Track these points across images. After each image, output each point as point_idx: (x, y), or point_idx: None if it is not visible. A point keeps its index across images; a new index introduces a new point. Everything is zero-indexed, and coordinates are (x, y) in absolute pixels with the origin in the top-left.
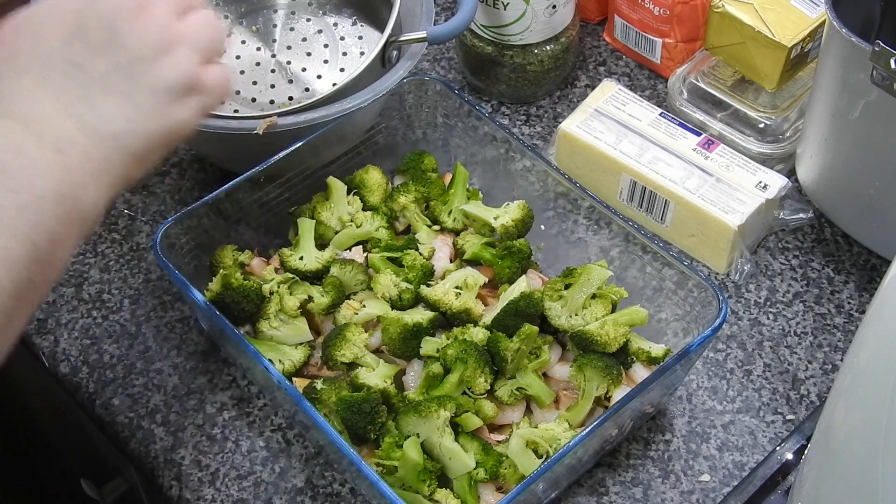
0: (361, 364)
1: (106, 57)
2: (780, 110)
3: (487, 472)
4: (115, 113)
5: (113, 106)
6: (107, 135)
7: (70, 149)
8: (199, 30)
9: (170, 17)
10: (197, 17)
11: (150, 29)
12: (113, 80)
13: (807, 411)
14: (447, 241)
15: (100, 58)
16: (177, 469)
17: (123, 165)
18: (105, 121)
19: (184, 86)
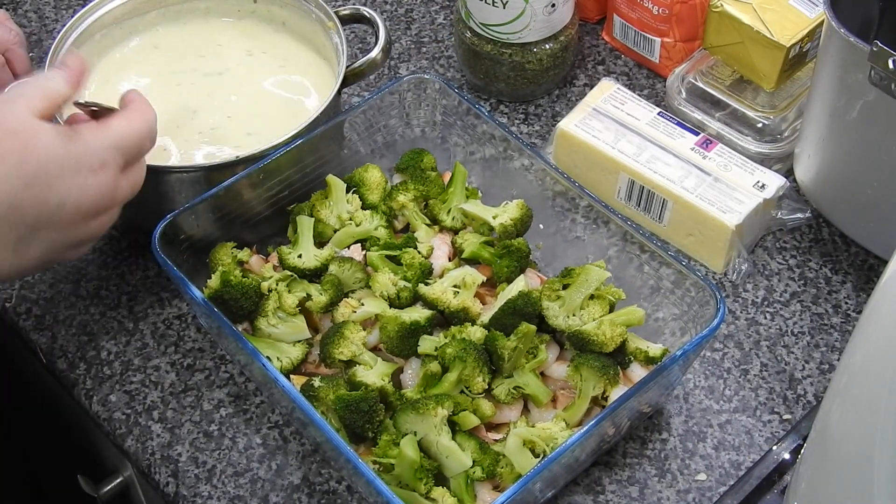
0: (359, 362)
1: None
2: (778, 110)
3: (484, 471)
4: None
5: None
6: None
7: None
8: (136, 185)
9: (114, 217)
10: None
11: (98, 229)
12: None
13: (803, 411)
14: (446, 239)
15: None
16: (173, 466)
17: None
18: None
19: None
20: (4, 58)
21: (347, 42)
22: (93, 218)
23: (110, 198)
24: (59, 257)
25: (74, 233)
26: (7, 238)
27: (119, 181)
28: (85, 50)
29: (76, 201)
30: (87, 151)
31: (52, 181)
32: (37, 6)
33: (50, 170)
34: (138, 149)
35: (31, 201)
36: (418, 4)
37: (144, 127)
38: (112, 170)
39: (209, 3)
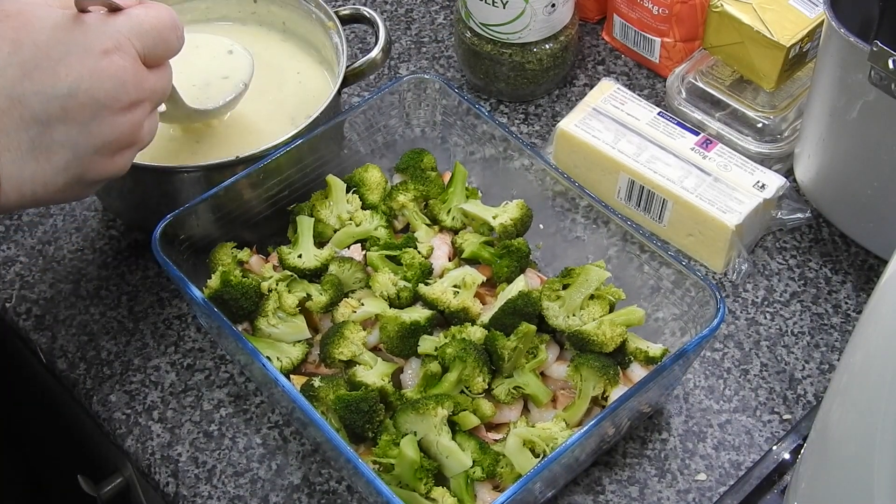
0: (359, 362)
1: (70, 130)
2: (778, 110)
3: (484, 471)
4: (36, 182)
5: (40, 176)
6: (15, 190)
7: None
8: (151, 132)
9: (142, 122)
10: (155, 118)
11: (124, 126)
12: (58, 153)
13: (803, 411)
14: (446, 239)
15: (65, 128)
16: (173, 466)
17: (15, 210)
18: (21, 182)
19: (112, 177)
20: None
21: (347, 42)
22: (117, 113)
23: (134, 87)
24: (90, 168)
25: (98, 131)
26: (18, 139)
27: (141, 72)
28: None
29: (89, 88)
30: (96, 32)
31: (55, 66)
32: None
33: (52, 53)
34: (162, 39)
35: (34, 91)
36: (418, 4)
37: (166, 15)
38: (129, 55)
39: (209, 4)
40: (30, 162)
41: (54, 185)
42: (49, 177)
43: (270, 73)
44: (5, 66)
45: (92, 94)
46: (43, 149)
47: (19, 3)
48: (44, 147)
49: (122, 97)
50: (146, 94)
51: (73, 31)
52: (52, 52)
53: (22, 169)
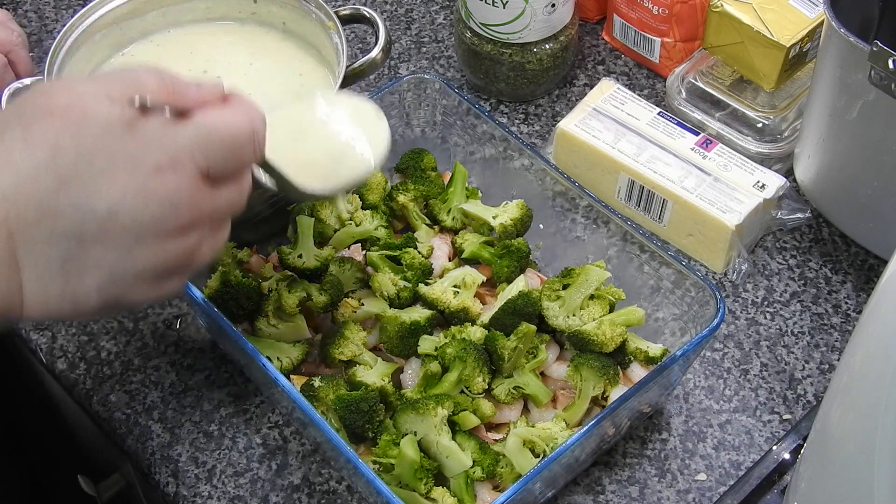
0: (359, 362)
1: (108, 252)
2: (778, 110)
3: (484, 471)
4: (64, 300)
5: (69, 295)
6: (40, 306)
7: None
8: (211, 254)
9: (200, 245)
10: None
11: (172, 254)
12: (92, 274)
13: (803, 411)
14: (446, 239)
15: (102, 248)
16: (173, 466)
17: (41, 320)
18: (48, 298)
19: (156, 301)
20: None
21: (347, 42)
22: (165, 238)
23: (188, 211)
24: (129, 292)
25: (140, 256)
26: (47, 255)
27: (200, 192)
28: (85, 50)
29: (132, 210)
30: (150, 144)
31: (97, 179)
32: (37, 6)
33: (95, 163)
34: (232, 153)
35: (69, 203)
36: (418, 4)
37: (245, 124)
38: (187, 173)
39: (209, 4)
40: (58, 279)
41: (86, 305)
42: (80, 297)
43: (271, 74)
44: (40, 174)
45: (135, 216)
46: (75, 267)
47: (73, 95)
48: (76, 266)
49: (172, 222)
50: (205, 216)
51: (125, 139)
52: (95, 162)
53: (48, 286)
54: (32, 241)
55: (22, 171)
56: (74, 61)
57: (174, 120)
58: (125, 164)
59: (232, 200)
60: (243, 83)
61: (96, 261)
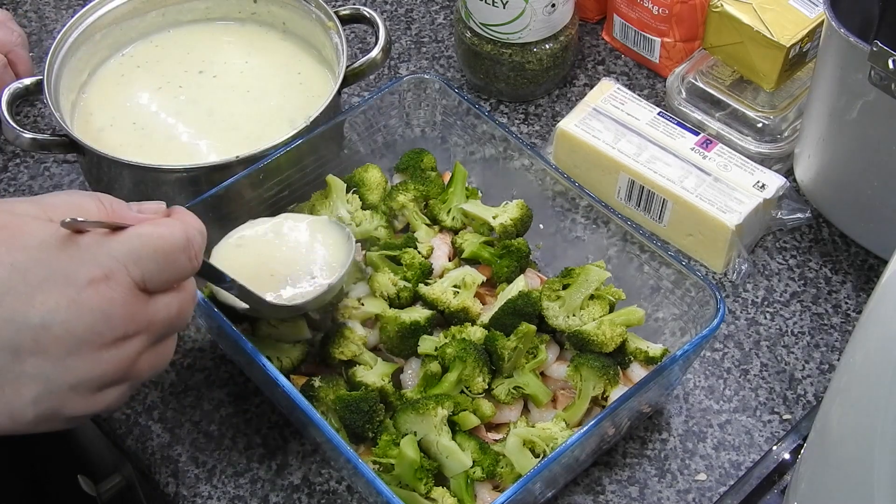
0: (359, 362)
1: (43, 364)
2: (778, 110)
3: (484, 471)
4: (1, 413)
5: (5, 406)
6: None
7: None
8: (156, 366)
9: (140, 354)
10: (166, 348)
11: (108, 364)
12: (28, 386)
13: (803, 411)
14: (446, 239)
15: (37, 360)
16: (174, 466)
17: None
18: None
19: (98, 413)
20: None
21: (347, 42)
22: (100, 349)
23: (122, 321)
24: (66, 404)
25: (75, 367)
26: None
27: (135, 303)
28: (85, 50)
29: (65, 321)
30: (84, 258)
31: (31, 293)
32: (37, 6)
33: (29, 278)
34: (168, 263)
35: (4, 317)
36: (418, 4)
37: (179, 234)
38: (123, 285)
39: (209, 4)
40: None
41: (23, 417)
42: (16, 409)
43: (270, 74)
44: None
45: (68, 327)
46: (10, 380)
47: (10, 215)
48: (11, 378)
49: (107, 332)
50: (141, 326)
51: (60, 255)
52: (29, 276)
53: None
54: None
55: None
56: (74, 61)
57: (109, 235)
58: (59, 277)
59: (171, 311)
60: (239, 82)
61: (32, 372)
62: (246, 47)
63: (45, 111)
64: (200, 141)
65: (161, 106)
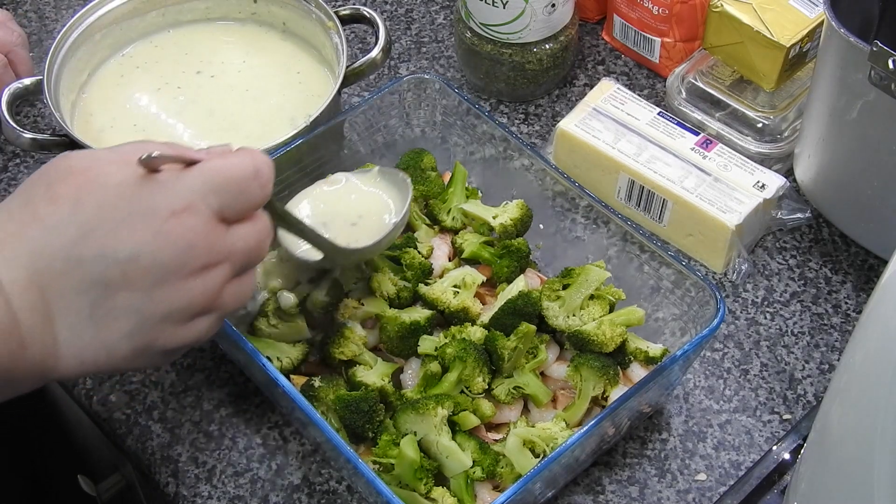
0: (359, 362)
1: (133, 296)
2: (778, 110)
3: (484, 471)
4: (97, 348)
5: (101, 342)
6: (75, 357)
7: (35, 348)
8: (240, 297)
9: (224, 284)
10: (247, 281)
11: (195, 292)
12: (121, 320)
13: (803, 411)
14: (446, 239)
15: (128, 293)
16: (173, 466)
17: (78, 377)
18: (82, 348)
19: (189, 345)
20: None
21: (347, 42)
22: (186, 278)
23: (206, 250)
24: (159, 336)
25: (164, 297)
26: (77, 304)
27: (215, 232)
28: (85, 50)
29: (152, 252)
30: (163, 192)
31: (117, 228)
32: (37, 6)
33: (114, 214)
34: (241, 192)
35: (94, 254)
36: (418, 4)
37: (247, 164)
38: (202, 215)
39: (209, 4)
40: (89, 328)
41: (119, 352)
42: (112, 343)
43: (270, 74)
44: (64, 227)
45: (155, 258)
46: (104, 314)
47: (90, 160)
48: (105, 312)
49: (191, 261)
50: (222, 255)
51: (140, 191)
52: (114, 213)
53: (81, 335)
54: (62, 293)
55: (47, 226)
56: (74, 61)
57: (183, 170)
58: (142, 211)
59: (249, 242)
60: (239, 82)
61: (123, 306)
62: (246, 47)
63: (45, 111)
64: (201, 141)
65: (161, 107)
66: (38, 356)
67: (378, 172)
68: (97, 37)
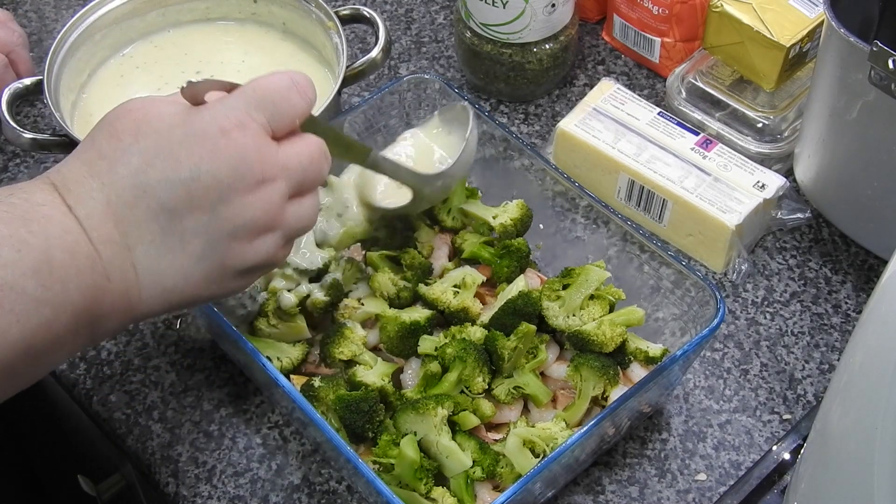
0: (359, 362)
1: (200, 217)
2: (778, 110)
3: (484, 471)
4: (175, 273)
5: (178, 266)
6: (156, 285)
7: (118, 280)
8: (303, 219)
9: (283, 201)
10: (308, 203)
11: (256, 207)
12: (192, 242)
13: (803, 411)
14: (446, 239)
15: (194, 215)
16: (174, 466)
17: (162, 310)
18: (161, 274)
19: (260, 265)
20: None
21: (347, 42)
22: (244, 193)
23: (259, 163)
24: (228, 254)
25: (228, 214)
26: (150, 231)
27: (266, 146)
28: (85, 50)
29: (210, 170)
30: (212, 114)
31: (176, 151)
32: (37, 6)
33: (172, 139)
34: (283, 102)
35: (157, 178)
36: (418, 4)
37: (284, 78)
38: (251, 130)
39: (209, 4)
40: (165, 253)
41: (193, 275)
42: (187, 267)
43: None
44: (128, 157)
45: (214, 174)
46: (176, 238)
47: (144, 101)
48: (176, 236)
49: (247, 175)
50: (276, 169)
51: (192, 116)
52: (171, 138)
53: (158, 261)
54: (135, 222)
55: (112, 160)
56: (74, 61)
57: (225, 95)
58: (195, 134)
59: (301, 159)
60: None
61: (192, 228)
62: (245, 47)
63: (45, 111)
64: None
65: None
66: (122, 287)
67: (438, 115)
68: (97, 37)
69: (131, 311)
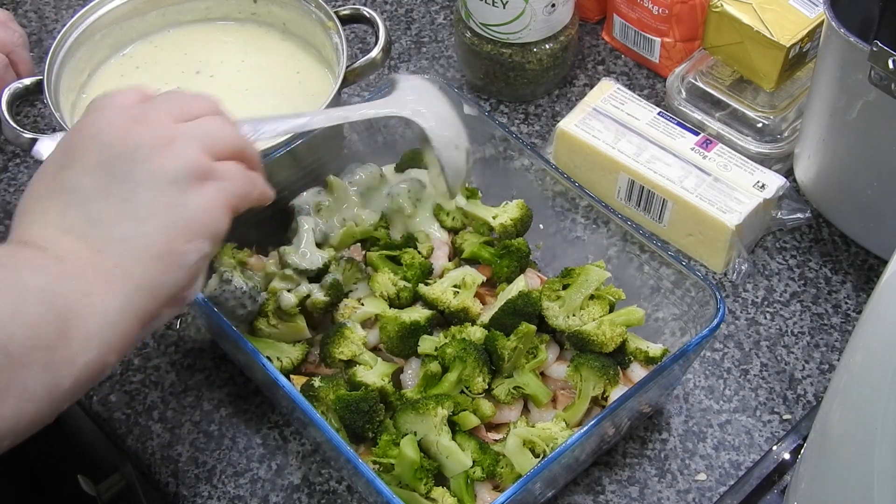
0: (359, 362)
1: (97, 171)
2: (778, 110)
3: (484, 471)
4: (117, 218)
5: (114, 212)
6: (113, 240)
7: (72, 258)
8: (201, 126)
9: (168, 120)
10: (201, 119)
11: (142, 132)
12: (109, 190)
13: (803, 411)
14: (446, 239)
15: (91, 173)
16: (174, 466)
17: (143, 269)
18: (108, 228)
19: (190, 173)
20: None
21: (347, 42)
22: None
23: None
24: (174, 205)
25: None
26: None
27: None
28: (85, 50)
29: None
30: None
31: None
32: (37, 6)
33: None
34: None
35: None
36: (418, 4)
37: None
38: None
39: (209, 4)
40: (116, 215)
41: (150, 232)
42: (143, 227)
43: (270, 74)
44: (75, 126)
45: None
46: (120, 197)
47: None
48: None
49: (174, 109)
50: (175, 133)
51: None
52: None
53: (112, 226)
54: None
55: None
56: (74, 61)
57: None
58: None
59: (212, 123)
60: (237, 81)
61: (133, 181)
62: (245, 47)
63: (45, 111)
64: None
65: None
66: (98, 263)
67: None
68: (97, 37)
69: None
